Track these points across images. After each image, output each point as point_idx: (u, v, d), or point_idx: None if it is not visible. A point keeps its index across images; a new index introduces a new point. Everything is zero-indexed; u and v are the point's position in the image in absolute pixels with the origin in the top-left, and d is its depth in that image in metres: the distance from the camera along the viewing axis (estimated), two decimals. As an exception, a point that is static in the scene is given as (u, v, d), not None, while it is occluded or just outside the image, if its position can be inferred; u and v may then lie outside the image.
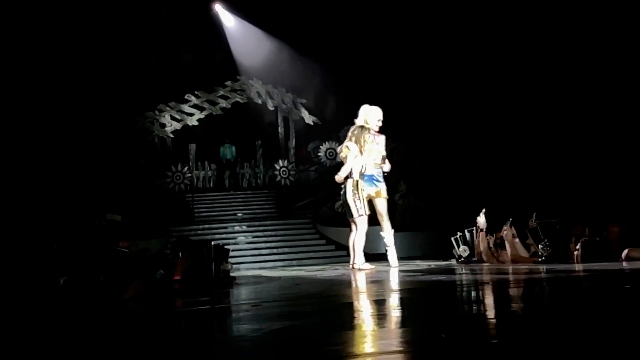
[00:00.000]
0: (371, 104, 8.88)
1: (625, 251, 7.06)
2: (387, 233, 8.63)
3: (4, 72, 13.36)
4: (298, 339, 2.83)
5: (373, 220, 8.68)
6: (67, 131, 14.70)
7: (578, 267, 6.85)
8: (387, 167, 8.60)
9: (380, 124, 8.63)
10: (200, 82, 18.83)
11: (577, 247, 7.53)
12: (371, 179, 8.46)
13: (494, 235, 8.52)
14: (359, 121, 8.57)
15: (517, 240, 8.12)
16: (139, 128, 18.16)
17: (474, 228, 8.97)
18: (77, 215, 12.59)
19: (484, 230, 8.50)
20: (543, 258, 7.72)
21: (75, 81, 15.60)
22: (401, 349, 2.42)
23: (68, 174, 13.49)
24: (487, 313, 3.56)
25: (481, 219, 8.52)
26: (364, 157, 8.32)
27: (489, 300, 4.31)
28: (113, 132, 16.32)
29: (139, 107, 17.93)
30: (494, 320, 3.17)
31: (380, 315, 3.61)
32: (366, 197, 8.31)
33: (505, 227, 8.17)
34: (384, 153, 8.64)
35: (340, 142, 9.32)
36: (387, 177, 9.09)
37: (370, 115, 8.57)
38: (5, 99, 13.28)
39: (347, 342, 2.65)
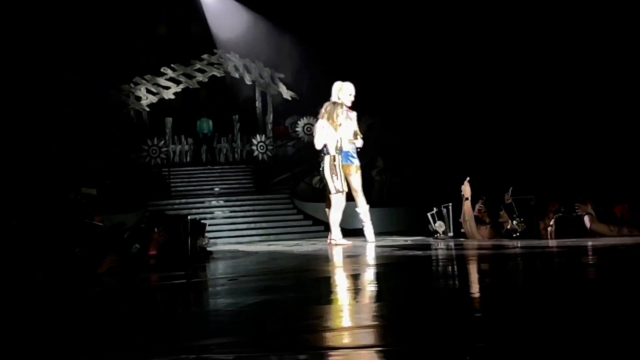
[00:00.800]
0: (347, 79, 8.87)
1: (588, 223, 7.26)
2: (363, 209, 8.66)
3: (4, 72, 13.21)
4: (275, 313, 2.84)
5: (350, 195, 8.70)
6: (67, 131, 14.65)
7: (552, 242, 6.96)
8: (359, 142, 8.61)
9: (352, 98, 8.61)
10: (177, 55, 18.58)
11: (551, 223, 7.64)
12: (346, 155, 8.46)
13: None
14: (332, 98, 8.58)
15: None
16: (114, 101, 17.92)
17: (450, 204, 9.04)
18: (51, 190, 12.47)
19: (469, 199, 8.37)
20: (518, 234, 7.81)
21: (75, 81, 15.49)
22: (376, 323, 2.43)
23: (68, 174, 13.43)
24: (461, 288, 3.59)
25: (466, 188, 8.40)
26: (338, 132, 8.33)
27: (463, 275, 4.35)
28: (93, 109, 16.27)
29: (114, 79, 17.73)
30: (468, 295, 3.20)
31: (356, 289, 3.63)
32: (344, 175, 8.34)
33: (479, 206, 8.25)
34: (357, 129, 8.64)
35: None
36: (365, 153, 9.10)
37: (342, 91, 8.56)
38: (6, 99, 13.15)
39: (323, 316, 2.66)
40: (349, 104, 8.61)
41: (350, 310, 2.79)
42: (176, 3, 18.06)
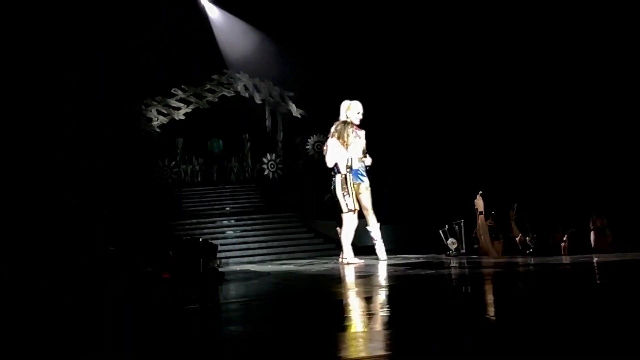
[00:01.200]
0: (356, 96, 8.92)
1: (593, 240, 7.21)
2: (374, 227, 8.66)
3: (4, 72, 13.36)
4: (291, 341, 2.83)
5: (361, 213, 8.69)
6: (67, 131, 14.77)
7: (565, 259, 6.91)
8: (368, 161, 8.65)
9: (360, 116, 8.67)
10: (187, 75, 18.74)
11: (565, 238, 7.60)
12: (356, 173, 8.49)
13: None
14: (341, 117, 8.63)
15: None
16: (130, 119, 18.08)
17: (462, 221, 9.00)
18: (51, 194, 12.52)
19: (483, 213, 8.33)
20: (531, 250, 7.77)
21: (75, 81, 15.64)
22: (390, 352, 2.42)
23: (68, 174, 13.52)
24: (478, 312, 3.56)
25: (479, 202, 8.34)
26: (348, 151, 8.37)
27: (480, 297, 4.32)
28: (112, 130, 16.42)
29: (128, 101, 17.91)
30: (486, 318, 3.17)
31: (370, 314, 3.61)
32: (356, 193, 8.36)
33: (489, 222, 8.23)
34: (365, 147, 8.68)
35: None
36: (375, 169, 9.12)
37: (350, 110, 8.62)
38: (6, 99, 13.29)
39: (337, 345, 2.65)
40: (357, 122, 8.66)
41: (364, 338, 2.77)
42: (186, 24, 18.24)
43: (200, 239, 7.74)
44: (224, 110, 19.12)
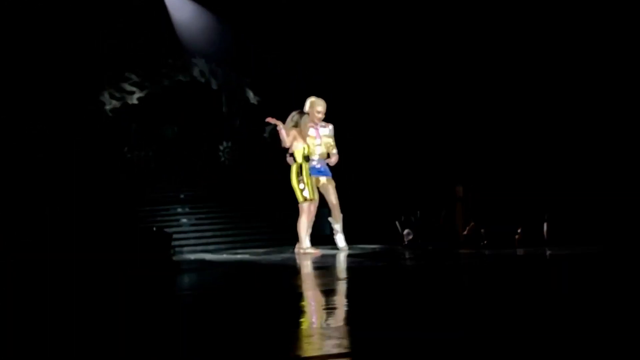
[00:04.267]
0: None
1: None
2: (336, 220, 8.62)
3: None
4: (245, 340, 2.77)
5: (320, 203, 8.61)
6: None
7: (516, 252, 7.00)
8: (333, 160, 8.51)
9: (320, 115, 8.45)
10: (141, 59, 18.29)
11: (519, 230, 7.69)
12: (318, 171, 8.37)
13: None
14: (304, 110, 8.50)
15: None
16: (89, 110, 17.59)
17: (418, 212, 9.06)
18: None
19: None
20: (485, 242, 7.85)
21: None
22: (347, 351, 2.39)
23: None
24: (439, 306, 3.56)
25: (460, 189, 8.33)
26: (305, 141, 8.21)
27: (439, 290, 4.33)
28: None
29: (79, 86, 17.45)
30: (448, 314, 3.17)
31: (328, 309, 3.58)
32: (315, 184, 8.26)
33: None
34: (332, 143, 8.54)
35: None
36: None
37: (313, 106, 8.45)
38: None
39: (294, 343, 2.60)
40: (316, 121, 8.46)
41: (320, 336, 2.73)
42: (139, 4, 17.79)
43: (154, 227, 7.60)
44: (179, 95, 18.73)
